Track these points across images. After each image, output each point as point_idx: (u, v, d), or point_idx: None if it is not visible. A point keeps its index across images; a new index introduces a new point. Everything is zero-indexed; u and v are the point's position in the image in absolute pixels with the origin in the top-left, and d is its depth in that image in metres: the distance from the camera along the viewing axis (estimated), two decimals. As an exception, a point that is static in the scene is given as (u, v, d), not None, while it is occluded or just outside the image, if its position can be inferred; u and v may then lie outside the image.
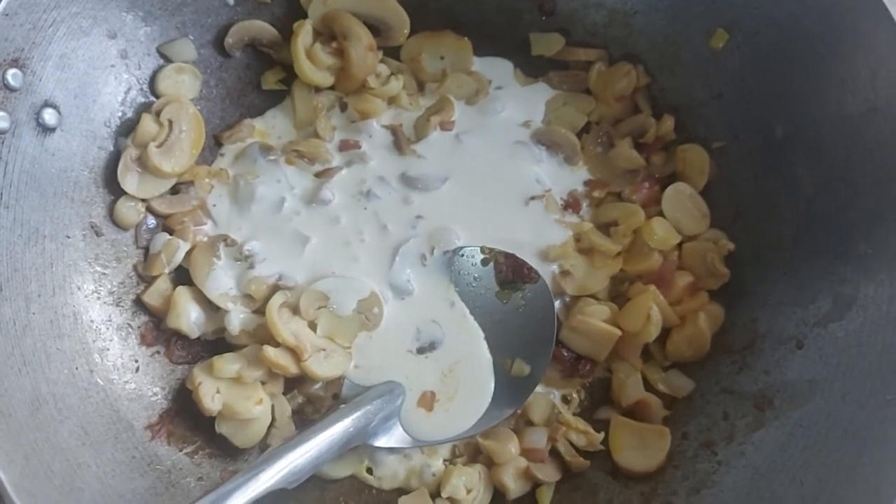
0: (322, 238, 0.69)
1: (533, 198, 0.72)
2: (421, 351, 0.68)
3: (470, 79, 0.76)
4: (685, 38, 0.73)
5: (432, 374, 0.67)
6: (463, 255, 0.70)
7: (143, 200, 0.68)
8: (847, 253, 0.64)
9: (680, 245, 0.71)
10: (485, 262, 0.70)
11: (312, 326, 0.67)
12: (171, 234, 0.68)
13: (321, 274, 0.68)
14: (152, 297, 0.67)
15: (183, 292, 0.67)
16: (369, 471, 0.68)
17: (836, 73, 0.63)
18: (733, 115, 0.72)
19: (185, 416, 0.65)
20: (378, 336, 0.68)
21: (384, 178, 0.72)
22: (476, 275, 0.70)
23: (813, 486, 0.58)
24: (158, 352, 0.67)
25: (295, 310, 0.67)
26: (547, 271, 0.70)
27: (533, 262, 0.70)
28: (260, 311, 0.67)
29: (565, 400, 0.70)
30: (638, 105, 0.76)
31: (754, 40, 0.69)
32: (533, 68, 0.77)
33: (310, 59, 0.72)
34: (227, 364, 0.64)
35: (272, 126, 0.75)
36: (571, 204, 0.72)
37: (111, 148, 0.67)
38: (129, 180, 0.67)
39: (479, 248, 0.70)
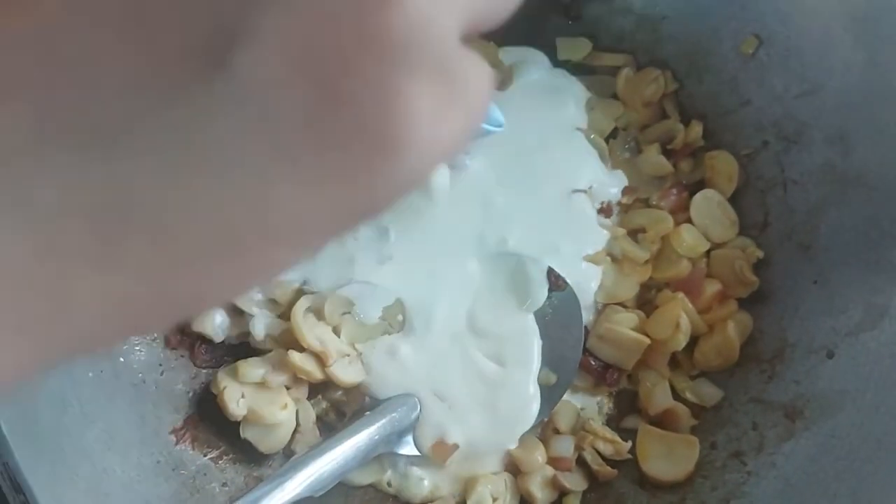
0: (349, 240, 0.69)
1: (576, 191, 0.70)
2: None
3: (496, 71, 0.75)
4: (714, 44, 0.72)
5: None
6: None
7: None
8: (879, 262, 0.63)
9: (708, 253, 0.71)
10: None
11: (336, 332, 0.66)
12: (196, 238, 0.68)
13: (346, 278, 0.67)
14: (177, 301, 0.66)
15: (208, 296, 0.66)
16: (389, 484, 0.67)
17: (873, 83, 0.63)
18: (762, 121, 0.71)
19: (210, 420, 0.65)
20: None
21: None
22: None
23: (846, 498, 0.57)
24: (183, 356, 0.66)
25: (320, 315, 0.66)
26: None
27: (568, 263, 0.68)
28: (285, 315, 0.66)
29: (599, 408, 0.70)
30: (666, 111, 0.75)
31: (785, 47, 0.69)
32: (559, 73, 0.77)
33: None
34: (252, 369, 0.63)
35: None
36: (604, 209, 0.71)
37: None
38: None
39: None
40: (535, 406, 0.65)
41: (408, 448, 0.64)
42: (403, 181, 0.19)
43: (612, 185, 0.72)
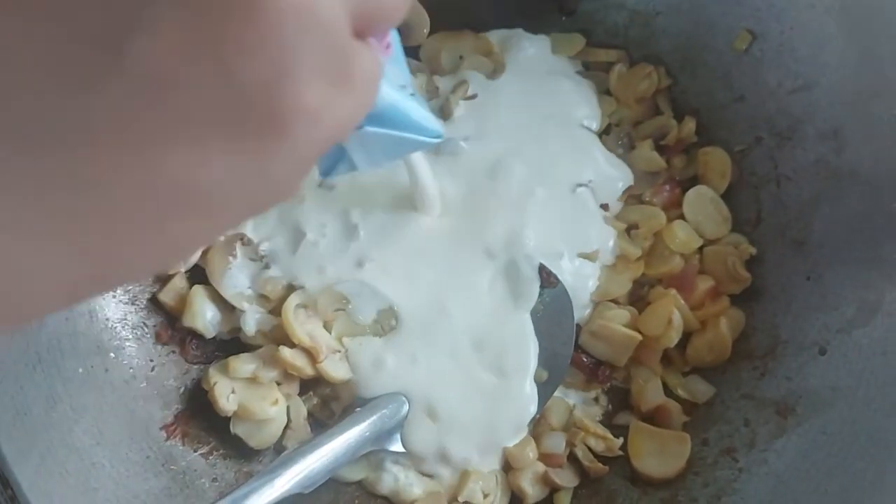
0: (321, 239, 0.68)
1: (580, 185, 0.69)
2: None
3: (487, 60, 0.75)
4: (707, 40, 0.72)
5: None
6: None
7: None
8: (872, 258, 0.63)
9: (701, 249, 0.70)
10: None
11: (327, 327, 0.66)
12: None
13: (332, 277, 0.67)
14: (168, 296, 0.66)
15: (199, 291, 0.66)
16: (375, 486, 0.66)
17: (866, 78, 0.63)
18: (756, 117, 0.71)
19: (200, 416, 0.64)
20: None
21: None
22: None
23: (837, 496, 0.57)
24: (174, 351, 0.66)
25: (310, 311, 0.66)
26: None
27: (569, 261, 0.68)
28: (275, 311, 0.66)
29: (596, 401, 0.69)
30: (659, 107, 0.75)
31: (779, 43, 0.68)
32: (552, 69, 0.77)
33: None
34: (243, 364, 0.63)
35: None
36: (603, 205, 0.71)
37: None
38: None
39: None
40: (533, 408, 0.65)
41: (396, 445, 0.63)
42: (297, 160, 0.20)
43: (618, 179, 0.71)
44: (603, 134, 0.74)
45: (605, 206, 0.70)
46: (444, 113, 0.71)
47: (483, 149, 0.70)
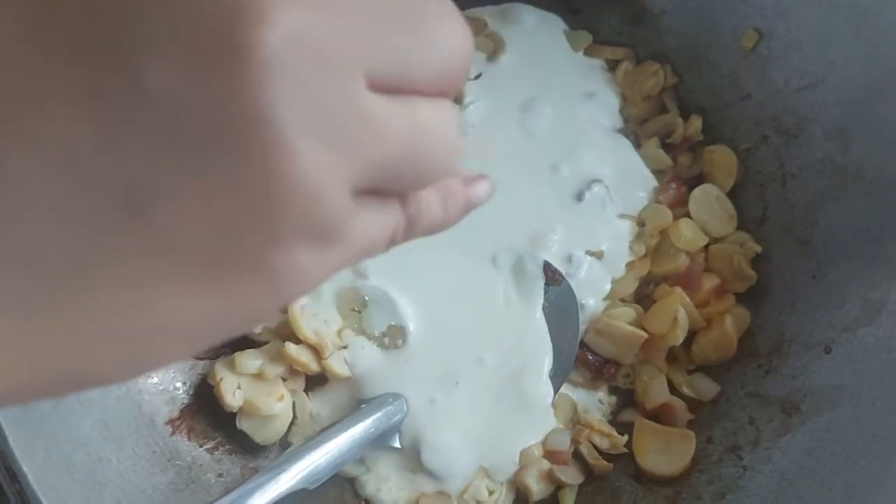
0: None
1: (595, 180, 0.69)
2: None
3: (486, 39, 0.74)
4: (714, 38, 0.72)
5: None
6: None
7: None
8: (878, 257, 0.63)
9: (706, 247, 0.70)
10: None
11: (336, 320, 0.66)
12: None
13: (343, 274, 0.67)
14: (174, 292, 0.66)
15: (205, 287, 0.66)
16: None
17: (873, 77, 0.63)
18: (762, 116, 0.71)
19: (206, 411, 0.65)
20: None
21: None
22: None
23: (841, 493, 0.57)
24: (180, 346, 0.66)
25: (317, 306, 0.66)
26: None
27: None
28: (282, 308, 0.66)
29: (601, 399, 0.69)
30: (665, 105, 0.75)
31: (785, 41, 0.68)
32: (558, 66, 0.77)
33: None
34: (249, 360, 0.63)
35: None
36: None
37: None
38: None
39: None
40: (549, 399, 0.65)
41: (395, 442, 0.64)
42: (276, 304, 0.23)
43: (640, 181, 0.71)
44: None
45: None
46: (455, 99, 0.71)
47: (491, 134, 0.70)
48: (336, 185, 0.21)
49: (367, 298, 0.66)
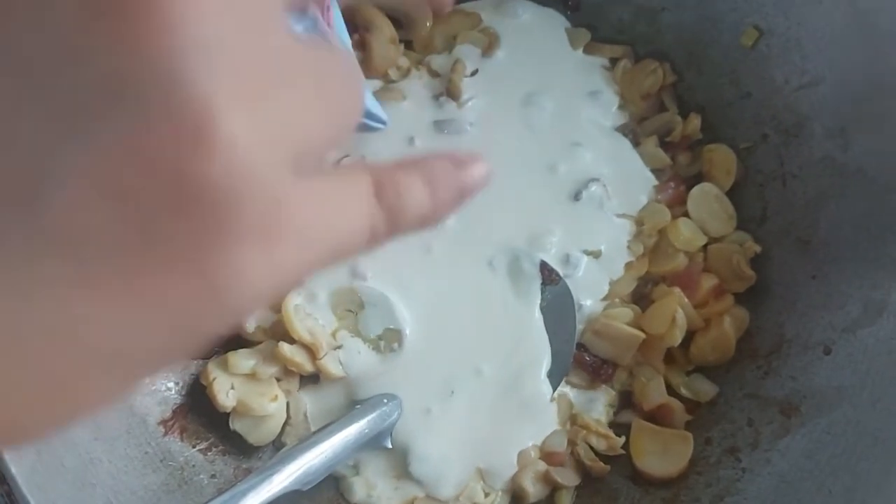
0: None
1: (593, 179, 0.69)
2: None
3: (481, 34, 0.74)
4: (714, 36, 0.72)
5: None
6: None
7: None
8: (878, 257, 0.62)
9: (705, 247, 0.70)
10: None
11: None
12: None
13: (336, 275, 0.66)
14: (167, 291, 0.65)
15: (198, 286, 0.65)
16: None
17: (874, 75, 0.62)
18: (762, 114, 0.71)
19: (199, 412, 0.64)
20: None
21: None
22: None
23: (841, 496, 0.56)
24: (172, 346, 0.66)
25: (310, 308, 0.65)
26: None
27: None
28: (275, 307, 0.65)
29: (598, 400, 0.68)
30: (664, 103, 0.74)
31: (785, 39, 0.68)
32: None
33: (331, 50, 0.70)
34: (242, 360, 0.63)
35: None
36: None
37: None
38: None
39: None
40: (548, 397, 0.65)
41: (388, 443, 0.63)
42: (224, 318, 0.19)
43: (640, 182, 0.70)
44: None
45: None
46: (452, 95, 0.70)
47: (488, 132, 0.70)
48: (278, 155, 0.18)
49: (364, 300, 0.65)
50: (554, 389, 0.65)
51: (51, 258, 0.17)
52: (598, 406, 0.68)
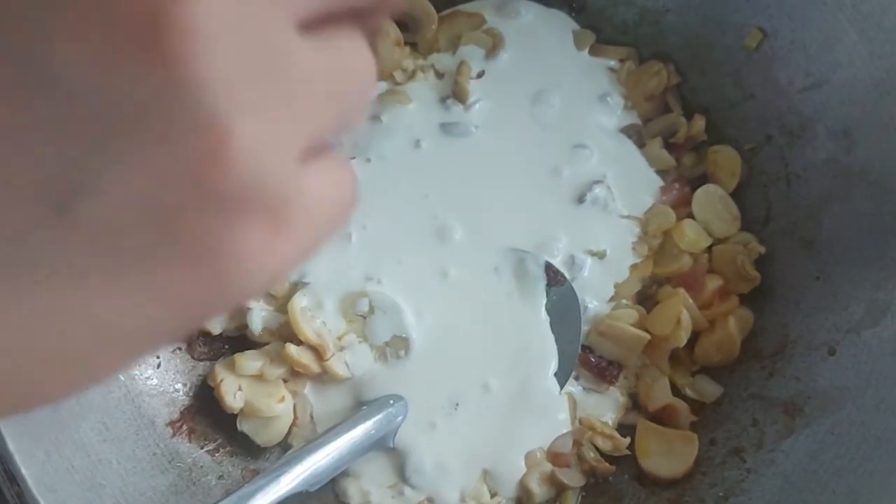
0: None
1: (596, 182, 0.69)
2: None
3: (485, 35, 0.74)
4: (717, 37, 0.72)
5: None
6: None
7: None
8: (882, 258, 0.62)
9: (710, 248, 0.70)
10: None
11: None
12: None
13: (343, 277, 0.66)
14: (174, 293, 0.66)
15: (205, 288, 0.65)
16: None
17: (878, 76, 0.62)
18: (766, 115, 0.71)
19: (207, 413, 0.64)
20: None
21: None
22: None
23: (845, 496, 0.57)
24: (180, 348, 0.66)
25: (316, 309, 0.65)
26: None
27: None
28: (282, 308, 0.66)
29: (613, 405, 0.68)
30: (668, 104, 0.74)
31: (789, 40, 0.68)
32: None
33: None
34: (249, 361, 0.63)
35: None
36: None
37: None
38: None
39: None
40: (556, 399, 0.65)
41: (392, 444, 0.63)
42: (228, 302, 0.22)
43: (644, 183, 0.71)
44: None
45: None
46: (459, 98, 0.71)
47: (494, 134, 0.70)
48: (288, 150, 0.21)
49: (374, 305, 0.65)
50: (560, 388, 0.65)
51: (82, 252, 0.20)
52: (605, 408, 0.68)
